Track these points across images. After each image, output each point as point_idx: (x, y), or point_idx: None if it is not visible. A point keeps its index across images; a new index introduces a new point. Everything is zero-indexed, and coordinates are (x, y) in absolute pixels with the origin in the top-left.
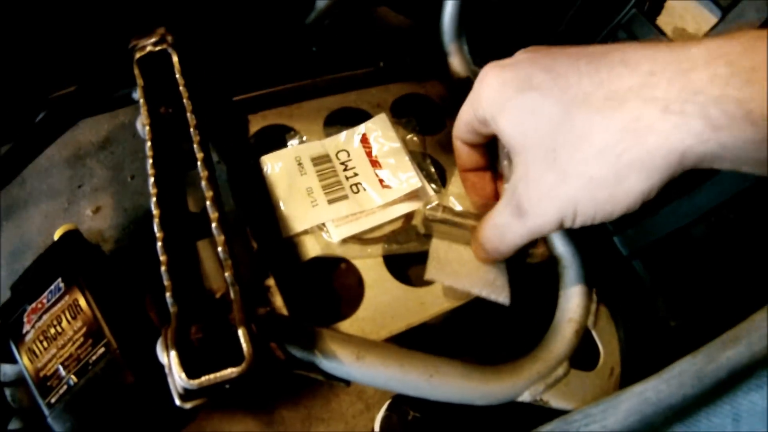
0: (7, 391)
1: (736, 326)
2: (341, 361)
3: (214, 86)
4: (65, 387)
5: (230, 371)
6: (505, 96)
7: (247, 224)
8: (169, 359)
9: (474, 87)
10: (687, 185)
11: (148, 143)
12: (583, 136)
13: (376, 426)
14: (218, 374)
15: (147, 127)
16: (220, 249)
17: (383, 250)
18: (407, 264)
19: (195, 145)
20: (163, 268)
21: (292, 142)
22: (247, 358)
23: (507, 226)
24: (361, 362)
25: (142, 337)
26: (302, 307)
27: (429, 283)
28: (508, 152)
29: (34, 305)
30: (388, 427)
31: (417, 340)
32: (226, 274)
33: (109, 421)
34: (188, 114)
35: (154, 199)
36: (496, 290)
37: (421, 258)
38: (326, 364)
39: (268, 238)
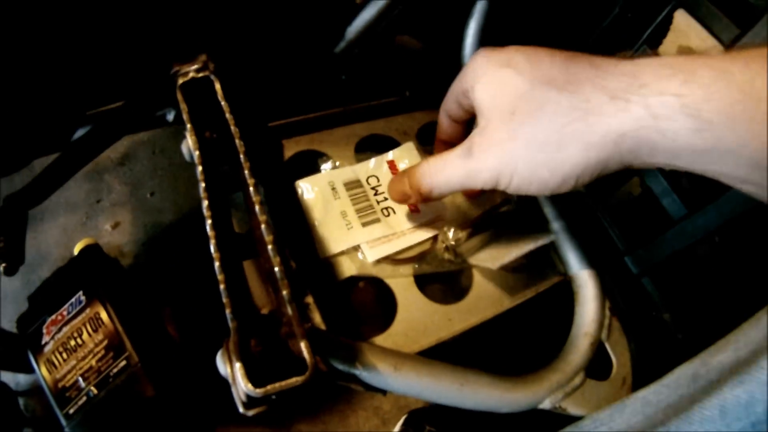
0: (21, 401)
1: (728, 334)
2: (380, 373)
3: (251, 112)
4: (84, 398)
5: (295, 380)
6: (486, 70)
7: (285, 245)
8: (234, 370)
9: (465, 65)
10: (692, 208)
11: (199, 168)
12: (539, 107)
13: None
14: (284, 383)
15: (197, 153)
16: (276, 269)
17: (414, 270)
18: (435, 283)
19: (246, 171)
20: (222, 287)
21: (325, 167)
22: (310, 367)
23: (450, 162)
24: (398, 373)
25: (162, 351)
26: (339, 323)
27: (456, 300)
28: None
29: (54, 317)
30: None
31: (444, 354)
32: (284, 293)
33: None
34: (237, 141)
35: (209, 221)
36: (536, 240)
37: (449, 277)
38: (366, 376)
39: (306, 258)
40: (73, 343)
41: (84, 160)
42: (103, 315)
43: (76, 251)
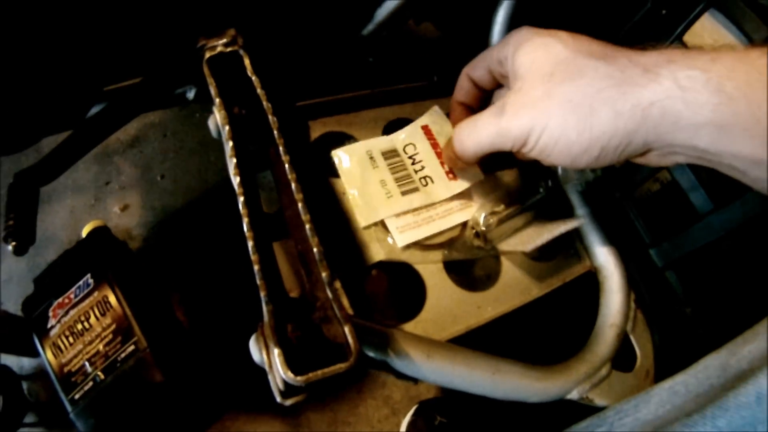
0: (24, 385)
1: (755, 325)
2: (413, 360)
3: (279, 90)
4: (91, 383)
5: (338, 366)
6: (530, 37)
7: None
8: (271, 357)
9: (505, 36)
10: (718, 203)
11: (230, 143)
12: (578, 72)
13: (403, 430)
14: (327, 370)
15: (227, 127)
16: (315, 250)
17: (443, 256)
18: (463, 270)
19: (281, 148)
20: (256, 268)
21: None
22: (354, 354)
23: (482, 121)
24: (431, 361)
25: (170, 337)
26: (367, 308)
27: (484, 288)
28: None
29: (60, 300)
30: None
31: (470, 341)
32: (323, 275)
33: (134, 419)
34: (270, 117)
35: (241, 199)
36: (565, 224)
37: (477, 265)
38: (398, 363)
39: (332, 243)
40: (80, 326)
41: (100, 137)
42: (112, 299)
43: (84, 233)
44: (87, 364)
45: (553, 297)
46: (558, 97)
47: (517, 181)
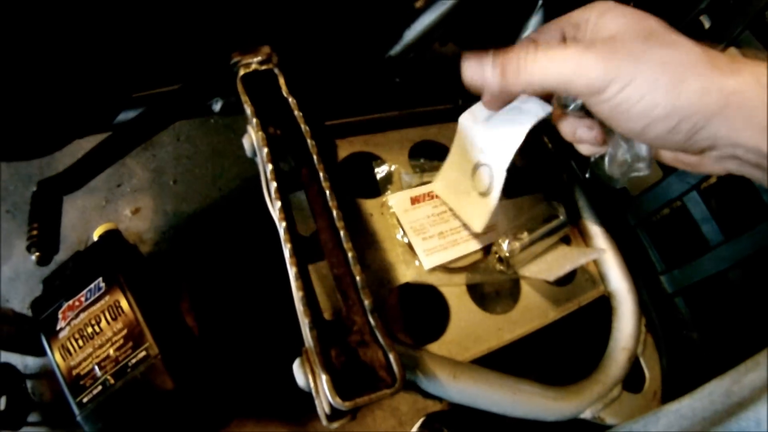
0: (29, 384)
1: (757, 354)
2: (440, 381)
3: (310, 109)
4: (100, 387)
5: (384, 392)
6: (614, 6)
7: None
8: (319, 383)
9: (594, 6)
10: (728, 234)
11: (269, 167)
12: (673, 41)
13: None
14: (374, 395)
15: (266, 150)
16: (358, 278)
17: (467, 279)
18: (486, 293)
19: (321, 174)
20: (299, 294)
21: (379, 170)
22: (399, 380)
23: (561, 50)
24: (456, 382)
25: (181, 344)
26: (391, 328)
27: (505, 311)
28: None
29: (71, 302)
30: None
31: (487, 362)
32: (366, 302)
33: (142, 425)
34: (309, 141)
35: (283, 224)
36: (585, 254)
37: (498, 288)
38: (426, 384)
39: (362, 262)
40: (90, 330)
41: (128, 147)
42: (124, 304)
43: (96, 235)
44: (97, 367)
45: (567, 320)
46: (654, 57)
47: (538, 207)
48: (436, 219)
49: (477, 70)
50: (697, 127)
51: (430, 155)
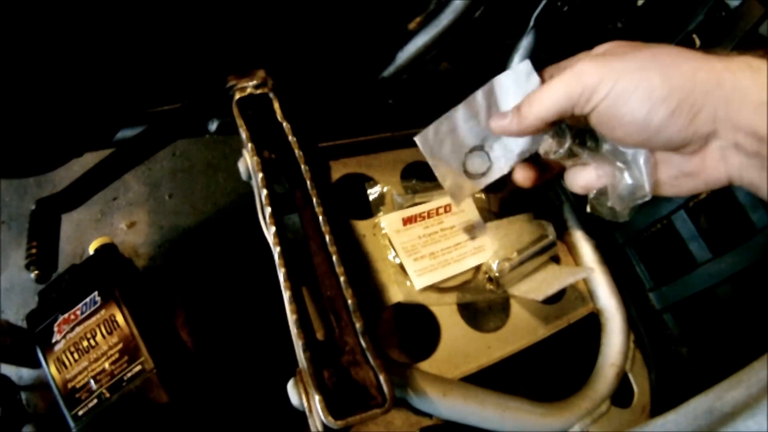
0: (23, 395)
1: (739, 371)
2: (430, 398)
3: (304, 131)
4: (95, 401)
5: (374, 412)
6: (585, 55)
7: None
8: (312, 402)
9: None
10: (716, 252)
11: (264, 192)
12: (656, 47)
13: None
14: (365, 415)
15: (261, 175)
16: (350, 302)
17: (458, 298)
18: (476, 311)
19: (315, 199)
20: (293, 317)
21: (372, 191)
22: (389, 400)
23: (549, 84)
24: (446, 399)
25: (176, 358)
26: (382, 346)
27: (495, 329)
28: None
29: (66, 316)
30: None
31: (479, 378)
32: (358, 325)
33: None
34: (302, 166)
35: (278, 249)
36: (574, 274)
37: (487, 307)
38: (417, 401)
39: (354, 283)
40: (86, 343)
41: (126, 167)
42: (119, 318)
43: (91, 249)
44: (92, 381)
45: (557, 337)
46: (643, 53)
47: (528, 226)
48: (427, 240)
49: (501, 123)
50: (697, 106)
51: (422, 176)
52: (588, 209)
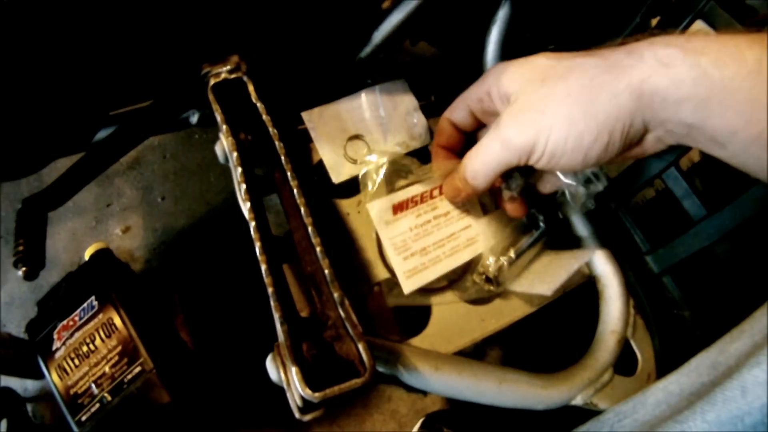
0: (29, 407)
1: (741, 323)
2: (422, 374)
3: (282, 114)
4: (98, 405)
5: (354, 382)
6: (507, 65)
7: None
8: (289, 375)
9: (481, 77)
10: (711, 209)
11: (239, 170)
12: (568, 69)
13: None
14: (343, 386)
15: (236, 154)
16: (326, 272)
17: (451, 299)
18: None
19: (289, 173)
20: (270, 290)
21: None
22: (369, 369)
23: (485, 142)
24: (439, 373)
25: (176, 357)
26: (371, 324)
27: (487, 301)
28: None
29: (65, 322)
30: None
31: (475, 353)
32: (335, 295)
33: None
34: (277, 143)
35: (253, 224)
36: (576, 257)
37: None
38: (407, 377)
39: (339, 261)
40: (85, 348)
41: (107, 163)
42: (117, 321)
43: (87, 255)
44: (93, 385)
45: (554, 306)
46: (556, 96)
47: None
48: (419, 232)
49: (451, 186)
50: (626, 127)
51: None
52: (560, 214)
